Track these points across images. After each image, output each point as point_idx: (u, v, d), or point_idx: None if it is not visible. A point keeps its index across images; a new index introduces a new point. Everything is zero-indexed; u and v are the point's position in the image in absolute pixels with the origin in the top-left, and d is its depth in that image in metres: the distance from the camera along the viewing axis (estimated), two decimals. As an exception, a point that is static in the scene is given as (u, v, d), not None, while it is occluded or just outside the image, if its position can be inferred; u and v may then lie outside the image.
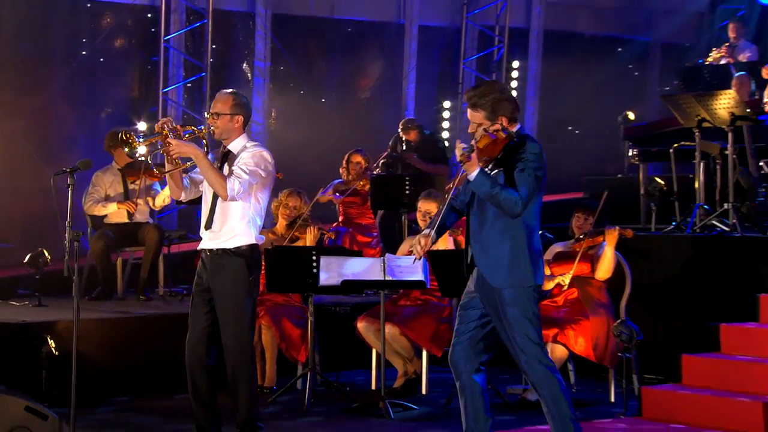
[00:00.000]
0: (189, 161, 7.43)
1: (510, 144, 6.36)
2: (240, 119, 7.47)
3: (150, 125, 14.34)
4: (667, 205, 11.69)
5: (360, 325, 9.57)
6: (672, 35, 18.89)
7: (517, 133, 6.46)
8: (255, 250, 7.42)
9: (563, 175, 14.16)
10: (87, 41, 14.68)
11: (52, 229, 13.58)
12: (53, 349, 9.26)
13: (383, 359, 9.05)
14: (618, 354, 8.94)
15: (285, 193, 9.99)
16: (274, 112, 15.65)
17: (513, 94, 16.62)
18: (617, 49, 18.81)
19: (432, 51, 16.93)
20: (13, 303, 11.13)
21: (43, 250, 11.26)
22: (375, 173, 12.30)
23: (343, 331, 10.19)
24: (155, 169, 7.57)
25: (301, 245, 9.81)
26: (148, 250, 11.35)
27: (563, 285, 9.35)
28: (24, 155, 13.59)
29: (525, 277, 6.46)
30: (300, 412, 8.73)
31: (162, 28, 14.63)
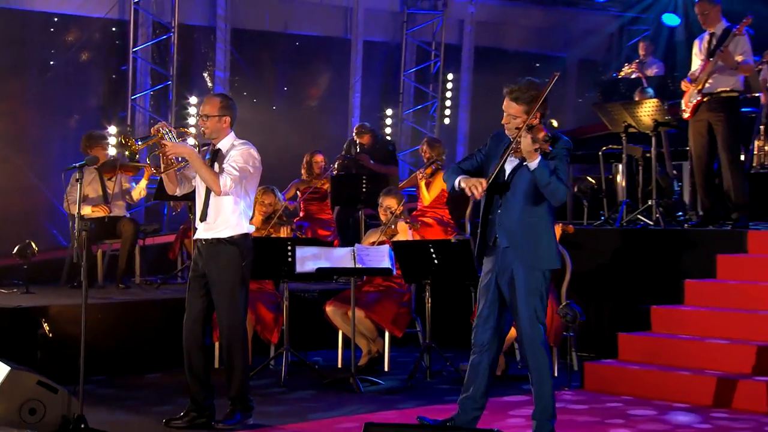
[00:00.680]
0: (184, 160, 7.42)
1: (548, 138, 6.38)
2: (227, 120, 7.48)
3: (120, 128, 14.30)
4: (596, 202, 11.92)
5: (328, 309, 9.57)
6: (587, 53, 18.99)
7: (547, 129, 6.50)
8: (246, 238, 7.43)
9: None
10: (60, 53, 14.53)
11: (30, 225, 13.60)
12: (47, 332, 9.24)
13: (353, 339, 9.09)
14: (561, 333, 9.06)
15: (260, 191, 9.87)
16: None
17: (447, 103, 17.18)
18: (539, 64, 18.79)
19: (375, 64, 16.92)
20: (2, 291, 10.99)
21: (31, 242, 11.20)
22: (334, 173, 12.31)
23: (311, 316, 10.20)
24: (153, 168, 7.54)
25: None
26: (124, 242, 11.26)
27: None
28: (4, 158, 13.46)
29: (550, 260, 6.55)
30: (278, 387, 8.75)
31: (131, 40, 14.50)
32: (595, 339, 9.69)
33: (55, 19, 14.26)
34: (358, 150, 13.64)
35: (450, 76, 17.47)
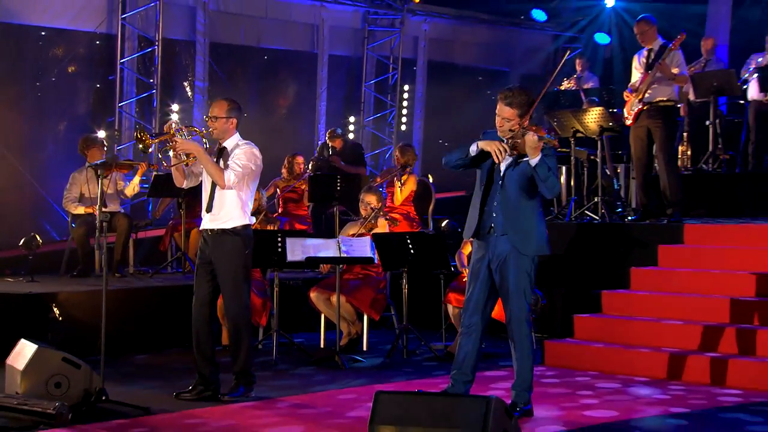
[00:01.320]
0: (192, 156, 7.44)
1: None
2: (234, 121, 7.55)
3: (108, 132, 14.26)
4: (547, 199, 12.07)
5: (312, 295, 9.63)
6: (528, 68, 19.03)
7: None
8: (248, 228, 7.44)
9: (448, 178, 14.41)
10: (53, 63, 14.38)
11: (25, 220, 13.51)
12: (57, 315, 9.26)
13: (338, 321, 9.10)
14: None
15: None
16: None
17: (404, 112, 17.26)
18: (481, 78, 18.95)
19: (339, 76, 16.89)
20: (9, 279, 10.97)
21: (35, 234, 11.15)
22: (310, 174, 12.35)
23: (294, 301, 10.24)
24: (164, 162, 7.54)
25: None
26: (119, 235, 11.25)
27: None
28: (1, 157, 13.39)
29: (541, 246, 6.66)
30: (270, 365, 8.76)
31: (118, 52, 14.40)
32: (551, 321, 9.77)
33: (47, 33, 14.11)
34: (330, 152, 13.72)
35: (406, 87, 17.50)
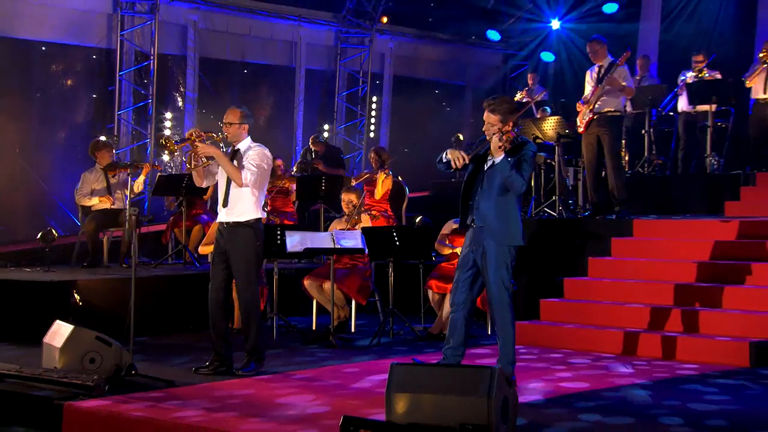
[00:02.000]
0: (211, 159, 7.53)
1: (516, 141, 6.63)
2: (246, 126, 7.63)
3: (108, 138, 14.20)
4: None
5: (306, 283, 9.67)
6: (480, 82, 19.10)
7: (518, 135, 6.71)
8: (260, 222, 7.50)
9: (414, 179, 14.53)
10: (59, 75, 14.37)
11: (34, 216, 13.49)
12: (78, 300, 9.29)
13: (333, 305, 9.15)
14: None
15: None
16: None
17: (372, 122, 17.36)
18: (442, 91, 19.01)
19: (314, 88, 16.89)
20: (26, 270, 10.96)
21: (51, 229, 11.16)
22: (295, 174, 12.39)
23: (288, 288, 10.26)
24: (188, 164, 7.61)
25: None
26: (126, 230, 11.31)
27: (448, 249, 9.54)
28: (10, 161, 13.35)
29: (516, 238, 6.72)
30: (271, 345, 8.72)
31: (117, 66, 14.38)
32: (517, 305, 9.86)
33: (53, 48, 14.07)
34: (313, 156, 13.82)
35: (374, 98, 17.50)
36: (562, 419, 5.85)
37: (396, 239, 9.11)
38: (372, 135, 17.48)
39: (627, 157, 13.59)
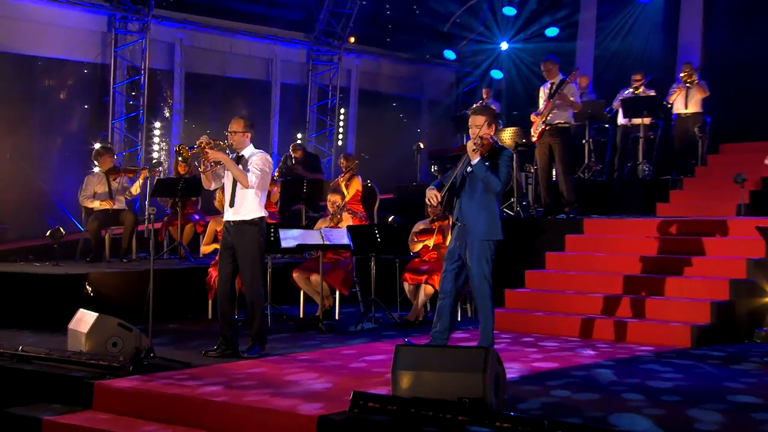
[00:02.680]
0: (219, 163, 7.57)
1: (494, 147, 6.82)
2: (249, 135, 7.64)
3: (102, 144, 14.12)
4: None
5: (295, 275, 9.68)
6: (435, 96, 19.17)
7: (496, 142, 6.86)
8: (263, 220, 7.55)
9: (377, 183, 14.62)
10: (57, 88, 14.26)
11: (35, 215, 13.43)
12: (90, 292, 9.30)
13: (321, 295, 9.21)
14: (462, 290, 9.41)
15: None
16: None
17: (340, 131, 17.44)
18: (401, 103, 18.99)
19: (288, 100, 16.87)
20: (36, 264, 10.89)
21: (60, 227, 11.14)
22: (278, 179, 12.40)
23: (277, 280, 10.18)
24: (199, 168, 7.65)
25: None
26: (126, 228, 11.24)
27: (429, 247, 9.56)
28: (12, 164, 13.27)
29: (495, 233, 6.84)
30: (268, 331, 8.49)
31: (111, 79, 14.33)
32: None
33: (53, 63, 13.97)
34: (293, 162, 13.88)
35: (342, 110, 17.50)
36: (536, 395, 5.94)
37: (378, 236, 9.23)
38: (340, 143, 17.49)
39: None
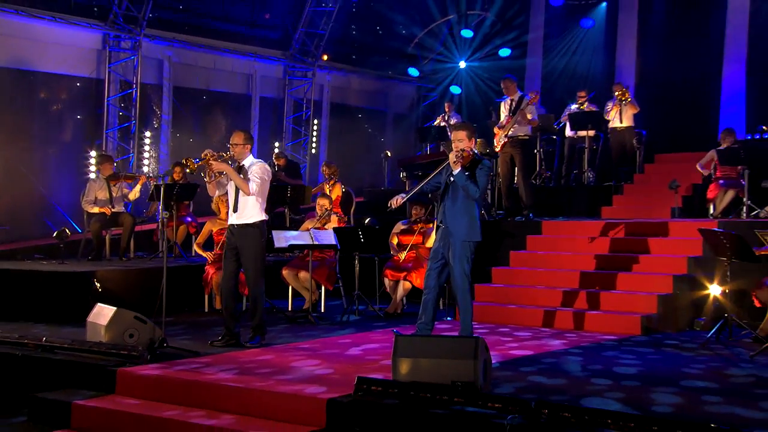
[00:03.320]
0: (222, 173, 7.65)
1: (475, 158, 6.91)
2: (249, 147, 7.67)
3: (97, 152, 14.13)
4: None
5: (284, 272, 9.76)
6: (399, 109, 19.28)
7: (477, 154, 6.96)
8: (264, 223, 7.59)
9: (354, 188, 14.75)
10: (55, 100, 14.18)
11: (34, 217, 13.37)
12: (98, 288, 9.31)
13: (311, 290, 9.29)
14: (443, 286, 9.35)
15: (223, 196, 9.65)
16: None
17: (314, 140, 17.52)
18: (367, 115, 19.02)
19: (267, 112, 16.91)
20: (43, 262, 10.84)
21: (65, 228, 11.12)
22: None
23: (267, 276, 10.27)
24: (206, 178, 7.71)
25: None
26: (125, 229, 11.29)
27: (401, 258, 9.60)
28: (14, 170, 13.19)
29: (475, 235, 6.91)
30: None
31: (106, 92, 14.34)
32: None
33: (52, 77, 13.92)
34: (276, 168, 13.92)
35: (315, 121, 17.60)
36: (513, 380, 6.02)
37: (361, 237, 9.34)
38: (314, 151, 17.57)
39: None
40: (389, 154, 15.86)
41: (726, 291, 8.07)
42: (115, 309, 7.26)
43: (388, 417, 5.26)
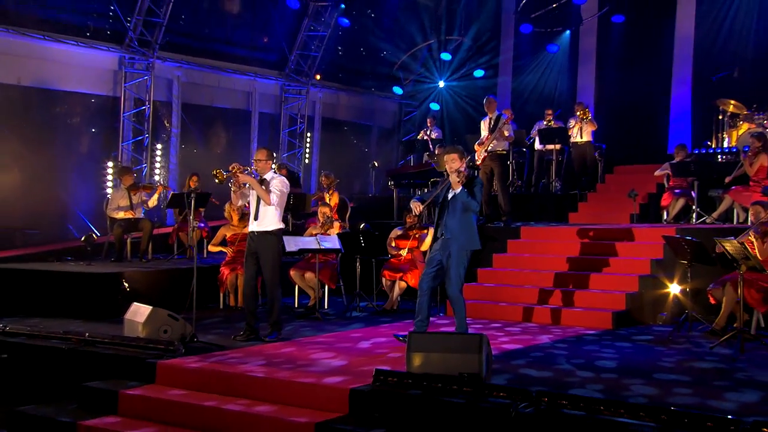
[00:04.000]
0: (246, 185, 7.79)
1: (468, 176, 7.02)
2: (270, 162, 7.83)
3: (114, 163, 14.19)
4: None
5: (292, 273, 9.79)
6: (383, 123, 19.38)
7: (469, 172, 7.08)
8: (281, 231, 7.72)
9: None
10: (76, 115, 14.18)
11: (56, 222, 13.37)
12: (126, 287, 9.39)
13: (317, 289, 9.36)
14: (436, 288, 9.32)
15: (233, 204, 9.84)
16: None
17: (307, 151, 17.60)
18: (356, 128, 18.96)
19: (265, 126, 16.91)
20: (72, 263, 10.90)
21: (92, 233, 11.16)
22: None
23: None
24: (232, 189, 7.81)
25: None
26: (144, 234, 11.34)
27: (401, 256, 9.75)
28: (39, 179, 13.19)
29: (473, 244, 7.00)
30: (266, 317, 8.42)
31: (122, 109, 14.35)
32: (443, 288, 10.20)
33: (73, 95, 13.92)
34: (278, 178, 13.99)
35: (309, 134, 17.62)
36: (505, 372, 6.07)
37: (362, 242, 9.49)
38: (307, 161, 17.63)
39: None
40: (377, 164, 16.01)
41: (686, 290, 8.33)
42: (151, 308, 7.35)
43: (404, 404, 5.42)
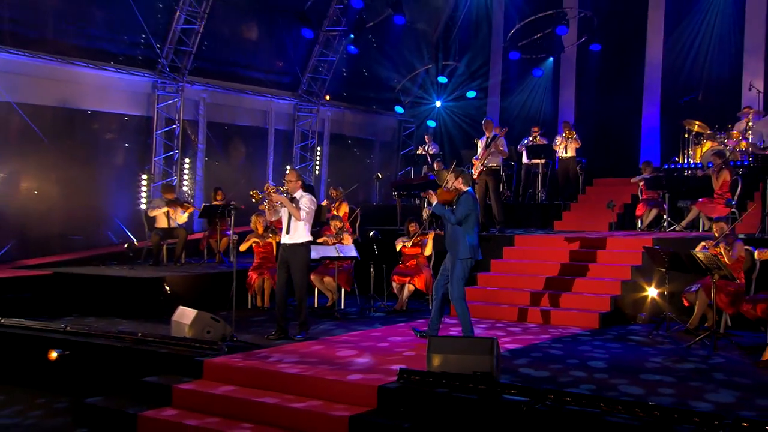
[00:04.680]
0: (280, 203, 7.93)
1: (460, 195, 7.18)
2: (300, 183, 7.93)
3: (147, 176, 14.32)
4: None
5: (312, 277, 9.84)
6: (385, 138, 19.43)
7: (463, 191, 7.17)
8: (310, 243, 7.86)
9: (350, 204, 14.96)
10: (114, 133, 14.29)
11: (96, 229, 13.48)
12: (167, 290, 9.53)
13: (335, 292, 9.47)
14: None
15: (259, 215, 10.02)
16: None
17: (317, 164, 17.71)
18: (360, 143, 18.87)
19: (280, 141, 16.97)
20: (116, 268, 10.97)
21: (134, 240, 11.30)
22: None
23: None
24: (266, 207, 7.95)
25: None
26: (180, 241, 11.51)
27: (407, 246, 9.85)
28: (82, 190, 13.30)
29: (464, 254, 7.09)
30: (293, 320, 8.39)
31: (154, 127, 14.44)
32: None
33: (110, 116, 13.96)
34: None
35: (319, 148, 17.70)
36: (506, 371, 6.09)
37: (375, 249, 9.63)
38: (317, 172, 17.72)
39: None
40: (380, 175, 16.16)
41: (663, 293, 8.56)
42: (197, 311, 7.50)
43: (427, 400, 5.59)
